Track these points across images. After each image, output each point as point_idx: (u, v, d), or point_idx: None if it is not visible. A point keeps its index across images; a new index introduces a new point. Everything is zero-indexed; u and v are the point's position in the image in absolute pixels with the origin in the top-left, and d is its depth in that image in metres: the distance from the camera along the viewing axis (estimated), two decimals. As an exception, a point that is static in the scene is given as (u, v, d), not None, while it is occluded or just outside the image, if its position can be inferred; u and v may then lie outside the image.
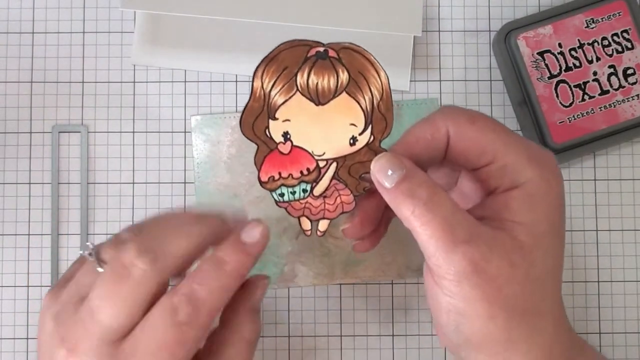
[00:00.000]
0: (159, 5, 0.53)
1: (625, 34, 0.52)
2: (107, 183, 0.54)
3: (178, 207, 0.52)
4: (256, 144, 0.36)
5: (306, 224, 0.38)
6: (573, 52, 0.52)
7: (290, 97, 0.36)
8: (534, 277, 0.34)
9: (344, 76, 0.35)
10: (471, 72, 0.54)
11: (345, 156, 0.37)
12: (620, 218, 0.54)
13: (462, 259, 0.33)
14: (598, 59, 0.52)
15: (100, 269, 0.35)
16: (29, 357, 0.53)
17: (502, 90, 0.55)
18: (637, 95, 0.52)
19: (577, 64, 0.52)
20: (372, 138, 0.37)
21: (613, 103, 0.52)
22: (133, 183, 0.54)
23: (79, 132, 0.54)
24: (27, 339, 0.53)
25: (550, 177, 0.35)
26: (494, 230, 0.34)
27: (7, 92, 0.54)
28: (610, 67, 0.52)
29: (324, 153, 0.36)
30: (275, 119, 0.36)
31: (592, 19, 0.52)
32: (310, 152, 0.36)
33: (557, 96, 0.52)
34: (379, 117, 0.36)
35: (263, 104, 0.36)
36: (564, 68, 0.52)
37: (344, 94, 0.36)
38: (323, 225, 0.38)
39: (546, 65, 0.52)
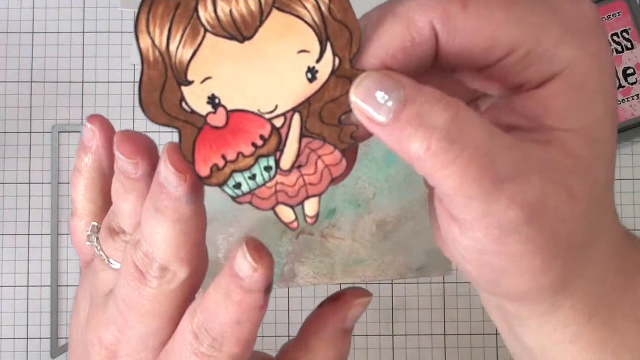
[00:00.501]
0: (159, 5, 0.53)
1: (625, 34, 0.52)
2: (107, 183, 0.54)
3: None
4: (176, 128, 0.25)
5: (287, 215, 0.26)
6: (573, 52, 0.52)
7: (199, 45, 0.24)
8: (595, 200, 0.25)
9: None
10: (471, 72, 0.55)
11: (308, 99, 0.25)
12: (620, 218, 0.54)
13: (509, 206, 0.23)
14: (598, 59, 0.52)
15: (114, 265, 0.30)
16: (29, 357, 0.53)
17: (502, 90, 0.55)
18: (637, 95, 0.52)
19: (577, 64, 0.52)
20: (337, 61, 0.24)
21: (613, 103, 0.52)
22: (133, 183, 0.54)
23: (79, 132, 0.54)
24: (27, 339, 0.53)
25: (600, 47, 0.24)
26: (543, 149, 0.24)
27: (7, 92, 0.54)
28: (610, 67, 0.52)
29: (276, 107, 0.25)
30: (189, 83, 0.24)
31: (592, 19, 0.52)
32: (257, 111, 0.25)
33: (557, 96, 0.52)
34: (337, 26, 0.24)
35: (165, 69, 0.24)
36: (564, 68, 0.52)
37: (275, 12, 0.24)
38: (311, 207, 0.26)
39: (546, 65, 0.52)
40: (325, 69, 0.25)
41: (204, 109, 0.24)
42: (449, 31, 0.24)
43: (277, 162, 0.25)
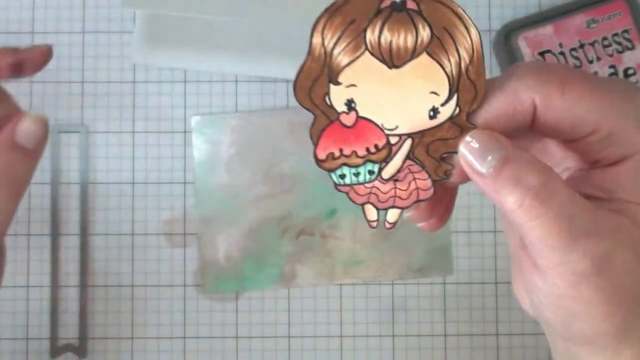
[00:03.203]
0: (159, 5, 0.53)
1: (625, 34, 0.52)
2: (107, 183, 0.54)
3: None
4: (313, 113, 0.30)
5: (371, 214, 0.32)
6: (574, 52, 0.52)
7: (357, 58, 0.29)
8: None
9: (424, 33, 0.29)
10: (471, 72, 0.55)
11: (423, 132, 0.30)
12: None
13: (582, 258, 0.28)
14: (599, 59, 0.52)
15: None
16: (29, 357, 0.53)
17: (502, 91, 0.55)
18: (638, 96, 0.52)
19: (578, 64, 0.52)
20: (457, 110, 0.30)
21: (613, 103, 0.52)
22: (133, 183, 0.54)
23: (79, 132, 0.54)
24: (27, 339, 0.53)
25: None
26: (616, 217, 0.29)
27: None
28: (610, 67, 0.52)
29: (396, 127, 0.30)
30: (337, 83, 0.30)
31: (592, 19, 0.52)
32: (380, 125, 0.30)
33: (558, 96, 0.52)
34: (467, 84, 0.30)
35: (323, 65, 0.29)
36: (564, 68, 0.52)
37: (424, 55, 0.29)
38: (393, 215, 0.32)
39: (547, 65, 0.52)
40: (445, 112, 0.30)
41: (340, 107, 0.30)
42: (546, 108, 0.29)
43: (380, 170, 0.31)
